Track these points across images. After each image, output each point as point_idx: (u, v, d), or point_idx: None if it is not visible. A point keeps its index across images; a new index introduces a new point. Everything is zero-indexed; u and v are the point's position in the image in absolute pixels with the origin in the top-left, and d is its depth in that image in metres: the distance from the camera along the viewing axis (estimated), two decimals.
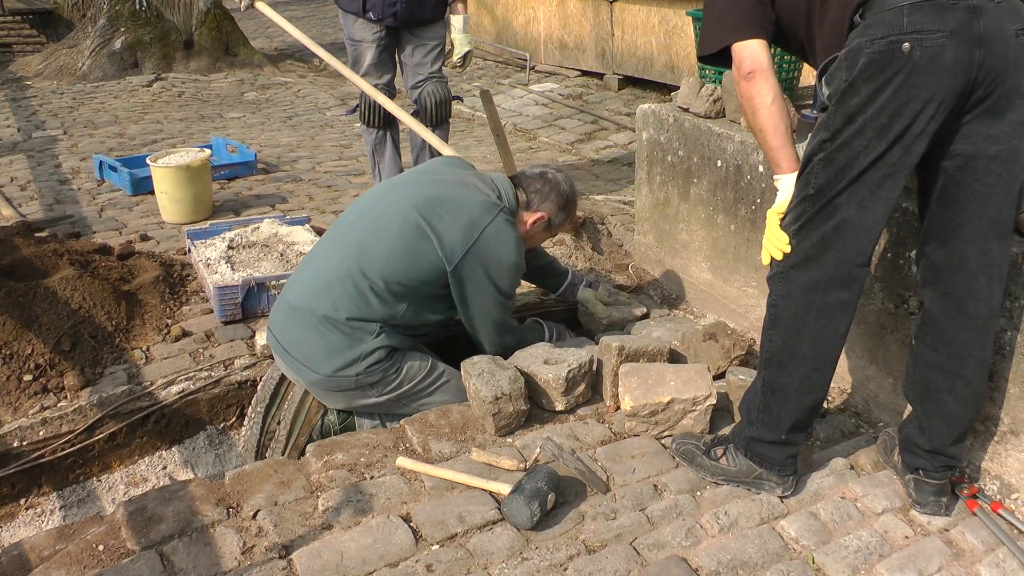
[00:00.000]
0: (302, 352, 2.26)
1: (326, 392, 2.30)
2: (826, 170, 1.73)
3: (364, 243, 2.25)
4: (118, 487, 2.40)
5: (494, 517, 1.88)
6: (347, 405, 2.34)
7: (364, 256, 2.23)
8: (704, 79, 2.93)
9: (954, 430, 1.89)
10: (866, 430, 2.28)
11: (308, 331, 2.25)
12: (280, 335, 2.32)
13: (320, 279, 2.27)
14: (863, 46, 1.64)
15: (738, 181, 2.66)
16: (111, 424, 2.39)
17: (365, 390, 2.28)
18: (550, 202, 2.42)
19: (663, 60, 6.09)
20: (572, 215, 2.53)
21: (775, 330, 1.88)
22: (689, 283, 3.02)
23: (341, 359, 2.22)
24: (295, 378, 2.35)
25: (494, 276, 2.25)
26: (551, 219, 2.44)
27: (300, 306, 2.27)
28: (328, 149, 5.18)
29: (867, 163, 1.69)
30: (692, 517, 1.91)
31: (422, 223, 2.22)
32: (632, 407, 2.15)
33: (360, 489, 1.95)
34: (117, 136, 5.39)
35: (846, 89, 1.67)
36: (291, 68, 7.91)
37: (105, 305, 2.72)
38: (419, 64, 3.64)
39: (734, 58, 1.85)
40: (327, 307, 2.23)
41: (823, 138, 1.73)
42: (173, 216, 3.73)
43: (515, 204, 2.39)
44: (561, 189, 2.44)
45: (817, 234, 1.77)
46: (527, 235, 2.44)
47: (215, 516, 1.86)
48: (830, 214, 1.75)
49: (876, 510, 1.96)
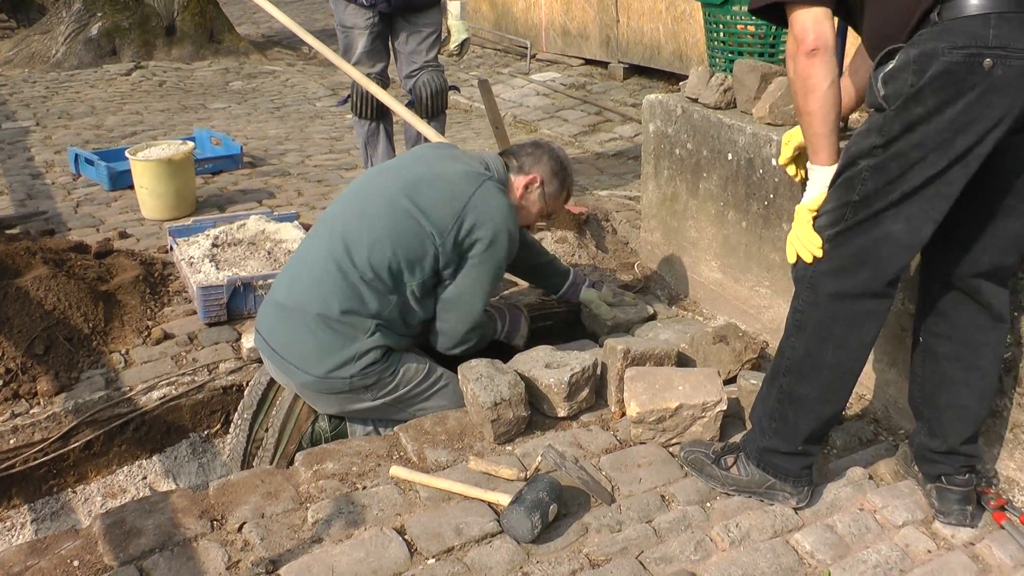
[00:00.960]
0: (293, 353, 2.27)
1: (318, 395, 2.31)
2: (875, 178, 1.69)
3: (350, 233, 2.27)
4: (95, 499, 2.40)
5: (493, 529, 1.88)
6: (340, 409, 2.35)
7: (351, 246, 2.25)
8: (714, 68, 2.93)
9: (968, 426, 1.91)
10: (885, 437, 2.28)
11: (299, 330, 2.26)
12: (269, 336, 2.33)
13: (308, 275, 2.28)
14: (939, 52, 1.58)
15: (750, 175, 2.67)
16: (87, 432, 2.40)
17: (359, 393, 2.28)
18: (542, 164, 2.46)
19: (671, 48, 6.09)
20: (567, 186, 2.54)
21: (798, 337, 1.86)
22: (698, 283, 3.02)
23: (334, 359, 2.23)
24: (285, 381, 2.35)
25: (486, 243, 2.27)
26: (545, 184, 2.46)
27: (289, 304, 2.28)
28: (318, 142, 5.19)
29: (923, 179, 1.65)
30: (701, 530, 1.92)
31: (407, 204, 2.25)
32: (638, 413, 2.16)
33: (352, 500, 1.95)
34: (94, 128, 5.39)
35: (911, 96, 1.61)
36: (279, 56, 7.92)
37: (81, 306, 2.73)
38: (413, 52, 3.64)
39: (794, 26, 1.76)
40: (318, 303, 2.24)
41: (875, 143, 1.68)
42: (154, 212, 3.74)
43: (504, 173, 2.43)
44: (554, 154, 2.50)
45: (856, 244, 1.75)
46: (521, 203, 2.46)
47: (198, 529, 1.86)
48: (873, 226, 1.72)
49: (896, 522, 1.96)
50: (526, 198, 2.47)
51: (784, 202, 2.55)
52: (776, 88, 2.62)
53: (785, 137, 2.26)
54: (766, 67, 2.68)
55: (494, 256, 2.30)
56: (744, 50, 2.80)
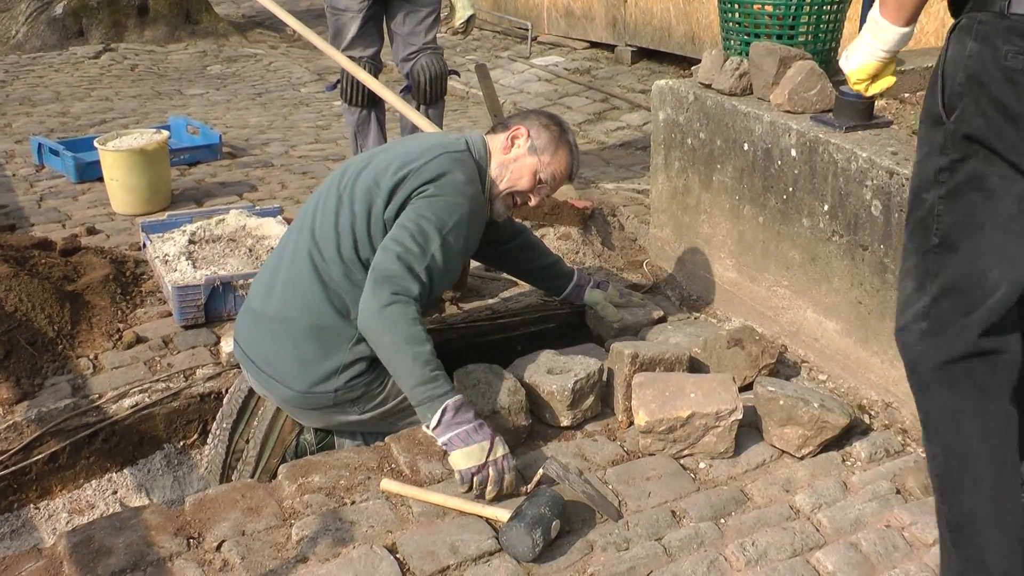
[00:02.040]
0: (273, 365, 2.26)
1: (301, 411, 2.30)
2: (952, 211, 1.48)
3: (317, 227, 2.26)
4: (60, 515, 2.39)
5: (491, 548, 1.88)
6: (326, 424, 2.35)
7: (321, 240, 2.24)
8: (729, 51, 2.93)
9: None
10: (914, 449, 2.29)
11: (277, 341, 2.25)
12: (247, 347, 2.32)
13: (285, 278, 2.27)
14: (997, 58, 1.39)
15: (767, 167, 2.67)
16: (52, 443, 2.39)
17: (345, 407, 2.27)
18: (528, 119, 2.38)
19: (682, 30, 6.10)
20: (563, 142, 2.37)
21: (931, 442, 1.61)
22: (711, 282, 3.02)
23: (317, 372, 2.22)
24: (266, 395, 2.35)
25: (426, 196, 2.15)
26: (532, 137, 2.34)
27: (266, 313, 2.28)
28: (303, 131, 5.19)
29: (1014, 199, 1.43)
30: (715, 548, 1.92)
31: (367, 182, 2.23)
32: (647, 422, 2.16)
33: (339, 516, 1.95)
34: (59, 115, 5.38)
35: (967, 108, 1.43)
36: (261, 38, 7.92)
37: (46, 307, 2.72)
38: (411, 34, 3.64)
39: None
40: (297, 310, 2.22)
41: (940, 165, 1.49)
42: (125, 207, 3.73)
43: (483, 147, 2.34)
44: (544, 113, 2.43)
45: (951, 300, 1.52)
46: (509, 163, 2.33)
47: (173, 548, 1.85)
48: (967, 271, 1.49)
49: (926, 540, 1.96)
50: (512, 153, 2.34)
51: (804, 196, 2.55)
52: (796, 73, 2.62)
53: (861, 66, 1.83)
54: (785, 50, 2.69)
55: (436, 211, 2.14)
56: (761, 32, 2.81)
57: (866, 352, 2.47)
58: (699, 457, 2.20)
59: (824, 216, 2.51)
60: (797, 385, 2.36)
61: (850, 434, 2.27)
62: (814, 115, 2.58)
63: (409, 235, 2.13)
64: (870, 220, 2.36)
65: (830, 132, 2.48)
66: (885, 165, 2.29)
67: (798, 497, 2.08)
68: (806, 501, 2.06)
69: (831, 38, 2.88)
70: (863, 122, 2.49)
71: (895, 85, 1.88)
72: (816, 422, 2.16)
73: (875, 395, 2.46)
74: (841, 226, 2.46)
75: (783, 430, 2.20)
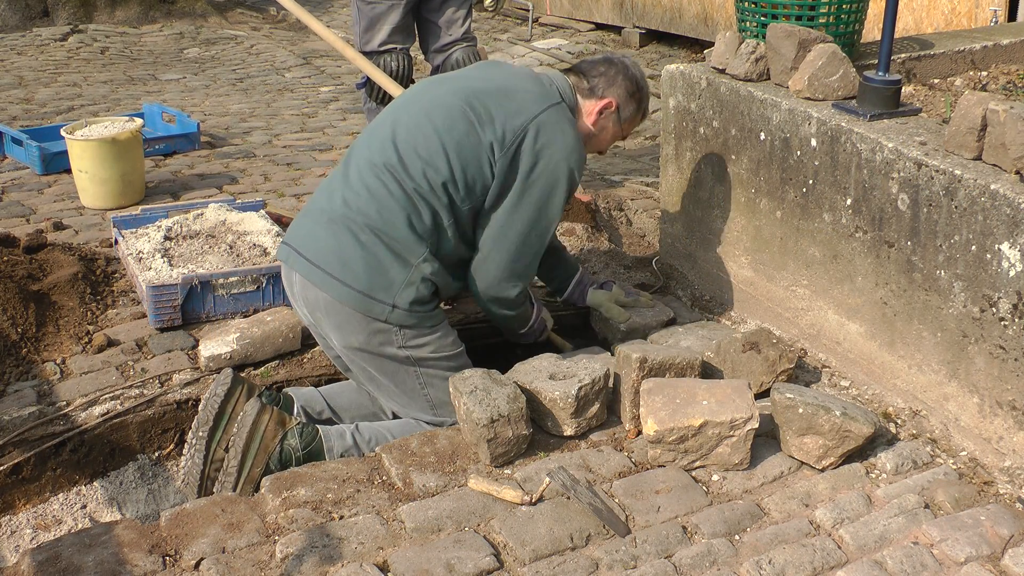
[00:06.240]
0: (334, 262, 2.34)
1: (350, 316, 2.35)
2: None
3: (404, 142, 2.38)
4: (23, 531, 2.40)
5: (489, 566, 1.88)
6: (360, 345, 2.39)
7: (406, 155, 2.36)
8: (744, 33, 2.94)
9: None
10: (944, 460, 2.29)
11: (347, 239, 2.34)
12: (303, 244, 2.40)
13: (360, 184, 2.38)
14: None
15: (785, 158, 2.67)
16: (15, 453, 2.39)
17: (390, 334, 2.36)
18: (617, 86, 2.55)
19: (694, 10, 6.11)
20: (644, 108, 2.63)
21: None
22: (725, 281, 3.03)
23: (384, 277, 2.32)
24: (308, 299, 2.40)
25: (542, 171, 2.37)
26: (620, 109, 2.56)
27: (337, 213, 2.38)
28: (288, 119, 5.20)
29: None
30: (728, 566, 1.92)
31: (470, 114, 2.38)
32: (656, 432, 2.16)
33: (327, 532, 1.96)
34: (23, 101, 5.39)
35: None
36: (242, 19, 7.93)
37: (8, 308, 2.72)
38: (449, 22, 3.64)
39: None
40: (373, 213, 2.34)
41: None
42: (95, 200, 3.74)
43: (573, 98, 2.53)
44: (628, 72, 2.58)
45: None
46: (594, 131, 2.57)
47: (148, 566, 1.86)
48: None
49: (958, 558, 1.96)
50: (599, 124, 2.56)
51: (825, 189, 2.56)
52: (816, 57, 2.63)
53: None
54: (805, 32, 2.69)
55: (547, 187, 2.39)
56: (779, 12, 2.81)
57: (892, 356, 2.48)
58: (712, 469, 2.21)
59: (847, 211, 2.51)
60: (817, 392, 2.37)
61: (874, 444, 2.28)
62: (836, 102, 2.59)
63: (518, 233, 2.43)
64: (896, 215, 2.37)
65: (853, 120, 2.49)
66: (913, 156, 2.30)
67: (818, 512, 2.08)
68: (827, 516, 2.07)
69: (855, 19, 2.89)
70: (889, 110, 2.50)
71: (923, 70, 1.86)
72: (838, 431, 2.17)
73: (902, 402, 2.47)
74: (865, 221, 2.47)
75: (802, 440, 2.21)
